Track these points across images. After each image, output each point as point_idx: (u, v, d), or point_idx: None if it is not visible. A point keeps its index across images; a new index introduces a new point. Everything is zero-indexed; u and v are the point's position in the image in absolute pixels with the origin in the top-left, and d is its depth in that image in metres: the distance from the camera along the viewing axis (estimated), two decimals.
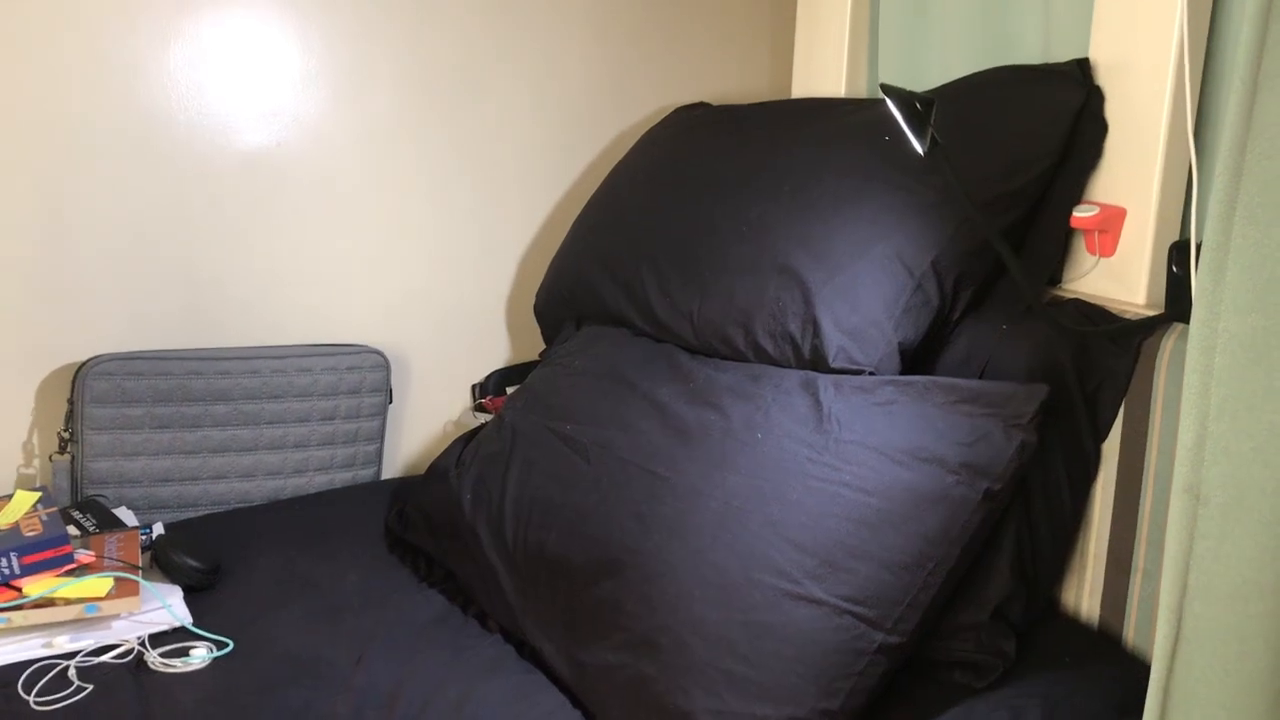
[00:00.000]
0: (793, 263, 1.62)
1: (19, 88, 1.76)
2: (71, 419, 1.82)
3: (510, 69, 2.16)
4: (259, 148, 1.96)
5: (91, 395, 1.81)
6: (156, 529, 1.79)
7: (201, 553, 1.68)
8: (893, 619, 1.28)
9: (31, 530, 1.56)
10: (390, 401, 2.09)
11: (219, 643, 1.52)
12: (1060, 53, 1.69)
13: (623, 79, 2.27)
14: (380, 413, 2.07)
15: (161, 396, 1.86)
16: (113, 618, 1.54)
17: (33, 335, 1.85)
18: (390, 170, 2.08)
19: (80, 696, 1.39)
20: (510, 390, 2.09)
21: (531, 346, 2.22)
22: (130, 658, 1.48)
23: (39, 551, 1.53)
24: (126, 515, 1.80)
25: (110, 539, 1.67)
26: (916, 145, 1.49)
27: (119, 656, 1.48)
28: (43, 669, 1.44)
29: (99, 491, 1.83)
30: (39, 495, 1.68)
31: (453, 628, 1.60)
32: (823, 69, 2.10)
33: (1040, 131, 1.57)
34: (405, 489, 1.99)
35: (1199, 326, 0.86)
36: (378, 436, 2.08)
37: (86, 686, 1.41)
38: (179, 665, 1.47)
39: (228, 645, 1.52)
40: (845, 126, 1.78)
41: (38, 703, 1.38)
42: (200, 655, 1.49)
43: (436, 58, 2.08)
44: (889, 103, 1.51)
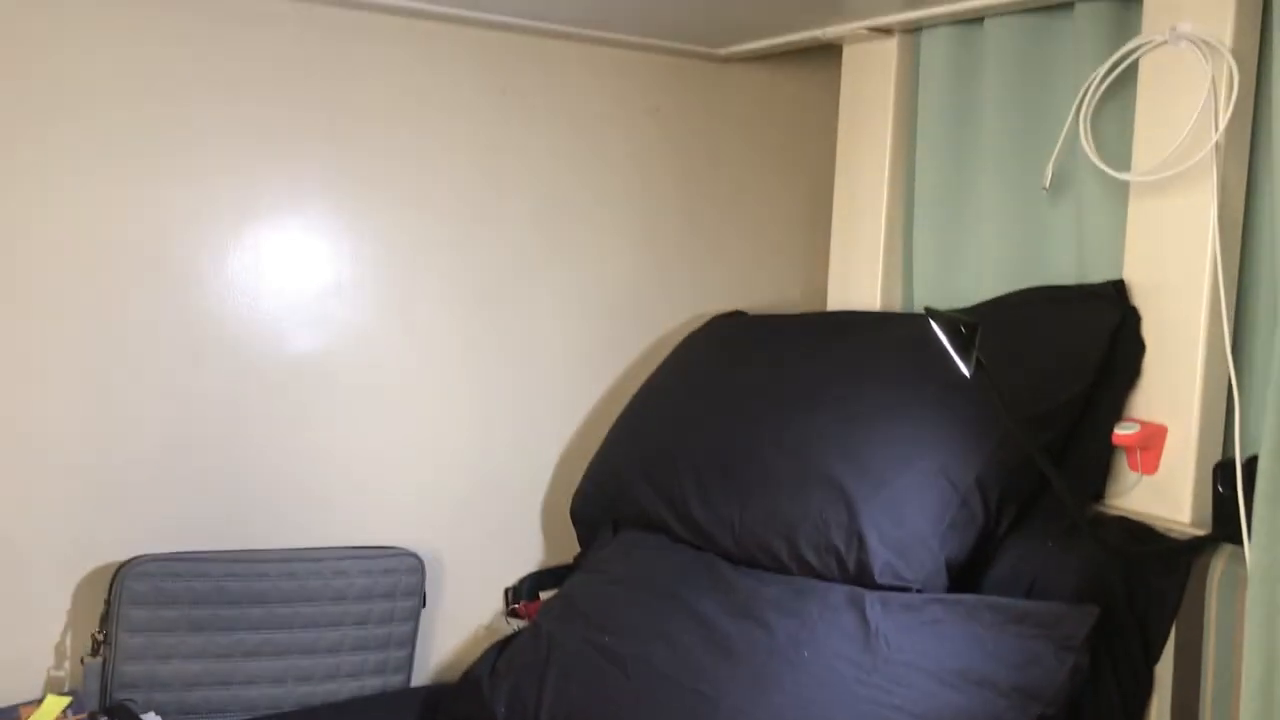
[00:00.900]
0: (836, 474, 1.63)
1: (79, 290, 1.80)
2: (107, 620, 1.81)
3: (555, 274, 2.22)
4: (306, 353, 2.00)
5: (130, 596, 1.80)
6: None
7: None
8: None
9: None
10: (424, 605, 2.06)
11: None
12: (1093, 265, 1.72)
13: (665, 284, 2.34)
14: (413, 617, 2.04)
15: (198, 599, 1.85)
16: None
17: (74, 534, 1.84)
18: (432, 373, 2.12)
19: None
20: (544, 595, 2.07)
21: (567, 549, 2.20)
22: None
23: None
24: None
25: None
26: (963, 368, 1.51)
27: None
28: None
29: (129, 695, 1.80)
30: (69, 700, 1.66)
31: None
32: (858, 281, 2.15)
33: (1079, 351, 1.60)
34: (436, 698, 1.95)
35: (1260, 554, 0.86)
36: (409, 642, 2.04)
37: None
38: None
39: None
40: (883, 340, 1.82)
41: None
42: None
43: (485, 260, 2.14)
44: (934, 326, 1.54)
